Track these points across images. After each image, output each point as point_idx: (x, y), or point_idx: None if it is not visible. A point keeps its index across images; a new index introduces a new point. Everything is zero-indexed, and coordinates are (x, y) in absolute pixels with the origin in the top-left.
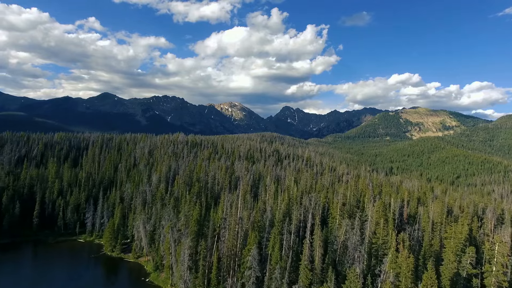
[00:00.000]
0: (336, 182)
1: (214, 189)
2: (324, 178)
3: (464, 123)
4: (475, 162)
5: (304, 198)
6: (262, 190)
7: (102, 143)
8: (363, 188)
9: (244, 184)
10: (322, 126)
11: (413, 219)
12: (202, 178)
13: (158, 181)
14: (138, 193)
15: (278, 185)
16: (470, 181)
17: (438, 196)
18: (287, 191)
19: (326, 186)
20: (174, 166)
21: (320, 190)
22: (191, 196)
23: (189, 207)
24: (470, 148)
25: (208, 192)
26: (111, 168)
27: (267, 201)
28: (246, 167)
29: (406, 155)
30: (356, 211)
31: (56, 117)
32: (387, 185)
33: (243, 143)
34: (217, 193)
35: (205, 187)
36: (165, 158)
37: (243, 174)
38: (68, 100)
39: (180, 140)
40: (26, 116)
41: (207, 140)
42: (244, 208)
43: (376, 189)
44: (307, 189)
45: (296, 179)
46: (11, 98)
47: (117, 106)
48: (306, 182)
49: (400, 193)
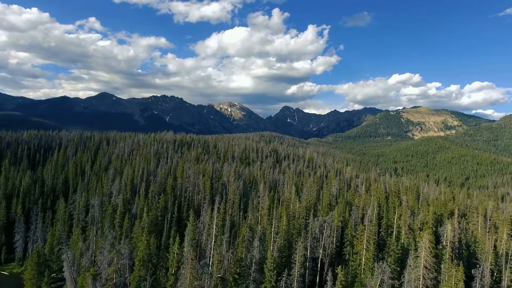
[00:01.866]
0: (345, 188)
1: (194, 200)
2: (330, 182)
3: (466, 122)
4: (483, 163)
5: (310, 219)
6: (254, 201)
7: (79, 142)
8: (380, 196)
9: (231, 193)
10: (322, 126)
11: (473, 249)
12: (181, 185)
13: (123, 190)
14: (91, 207)
15: (276, 194)
16: (481, 183)
17: (476, 206)
18: (285, 205)
19: (334, 193)
20: (149, 170)
21: (329, 203)
22: (152, 214)
23: (138, 237)
24: (475, 148)
25: (186, 204)
26: (74, 173)
27: (259, 220)
28: (236, 171)
29: (410, 155)
30: (388, 241)
31: (53, 117)
32: (410, 193)
33: (238, 143)
34: (197, 206)
35: (183, 197)
36: (140, 161)
37: (231, 179)
38: (66, 100)
39: (167, 139)
40: (22, 116)
41: (199, 139)
42: (223, 233)
43: (393, 196)
44: (312, 200)
45: (297, 186)
46: (8, 98)
47: (115, 106)
48: (310, 191)
49: (432, 206)
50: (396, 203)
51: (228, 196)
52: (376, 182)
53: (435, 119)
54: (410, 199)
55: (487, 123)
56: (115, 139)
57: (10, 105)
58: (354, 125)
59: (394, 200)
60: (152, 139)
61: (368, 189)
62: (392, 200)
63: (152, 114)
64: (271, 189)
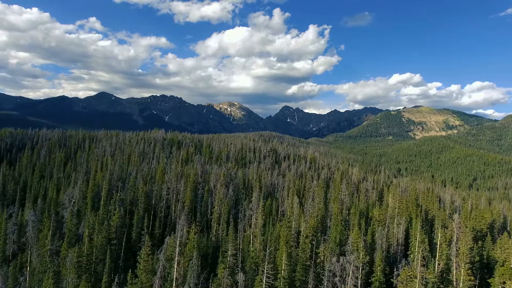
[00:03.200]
0: (355, 194)
1: (171, 211)
2: (337, 187)
3: (468, 122)
4: (490, 163)
5: (320, 248)
6: (247, 212)
7: (59, 141)
8: (409, 207)
9: (217, 202)
10: (322, 125)
11: None
12: (159, 191)
13: (78, 200)
14: None
15: (274, 202)
16: (490, 184)
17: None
18: (286, 223)
19: (344, 201)
20: (128, 171)
21: (342, 220)
22: (102, 236)
23: None
24: (478, 147)
25: (162, 216)
26: (40, 176)
27: (251, 240)
28: (227, 173)
29: (412, 155)
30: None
31: (51, 117)
32: (429, 199)
33: (234, 142)
34: (175, 219)
35: (159, 207)
36: (122, 161)
37: (219, 184)
38: (64, 99)
39: (156, 137)
40: (19, 115)
41: (192, 138)
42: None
43: (412, 204)
44: (320, 213)
45: (299, 191)
46: (6, 98)
47: (114, 105)
48: (316, 201)
49: (471, 220)
50: (420, 214)
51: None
52: (386, 185)
53: (436, 118)
54: (435, 208)
55: (489, 122)
56: (99, 138)
57: (8, 105)
58: (355, 125)
59: (416, 210)
60: (139, 137)
61: (381, 195)
62: (414, 210)
63: (151, 113)
64: (268, 195)
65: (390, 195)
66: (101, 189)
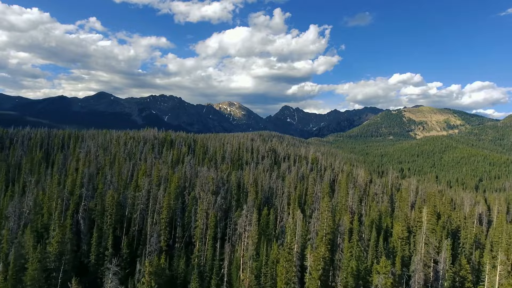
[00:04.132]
0: (364, 200)
1: (146, 227)
2: (343, 191)
3: (469, 122)
4: (496, 163)
5: (335, 281)
6: (239, 227)
7: (41, 141)
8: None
9: (200, 215)
10: (322, 125)
11: None
12: (131, 201)
13: (29, 212)
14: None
15: (271, 212)
16: (497, 185)
17: None
18: (285, 257)
19: (354, 210)
20: (104, 176)
21: (357, 244)
22: (34, 267)
23: None
24: (481, 147)
25: (137, 230)
26: (4, 180)
27: (240, 265)
28: (218, 177)
29: (415, 155)
30: None
31: (50, 117)
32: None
33: (231, 142)
34: (151, 235)
35: (133, 221)
36: (105, 162)
37: (205, 191)
38: (63, 99)
39: (146, 136)
40: (18, 115)
41: (187, 138)
42: None
43: (431, 208)
44: (328, 230)
45: (300, 200)
46: (5, 98)
47: (113, 105)
48: (325, 220)
49: None
50: (446, 227)
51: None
52: (395, 188)
53: (437, 118)
54: (459, 218)
55: (491, 122)
56: (85, 137)
57: (6, 105)
58: (355, 124)
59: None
60: (128, 136)
61: (392, 200)
62: (435, 222)
63: (150, 113)
64: (266, 202)
65: (403, 202)
66: (63, 197)
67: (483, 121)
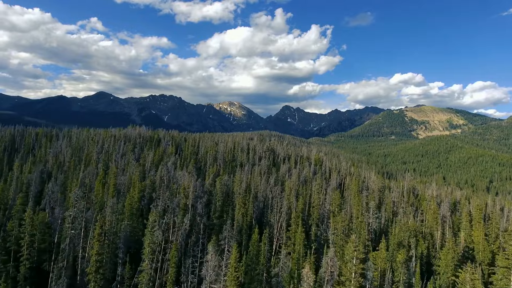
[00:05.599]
0: (381, 211)
1: (79, 264)
2: (354, 199)
3: (472, 121)
4: (506, 164)
5: None
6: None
7: (11, 139)
8: None
9: (149, 248)
10: (323, 125)
11: None
12: (61, 224)
13: None
14: None
15: (262, 239)
16: (509, 186)
17: None
18: None
19: (373, 228)
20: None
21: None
22: None
23: None
24: (486, 147)
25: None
26: None
27: None
28: (196, 187)
29: (419, 155)
30: None
31: (49, 117)
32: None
33: (225, 141)
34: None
35: (67, 252)
36: (71, 165)
37: (183, 202)
38: (63, 99)
39: (129, 135)
40: (16, 115)
41: (178, 136)
42: None
43: (466, 221)
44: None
45: (304, 216)
46: (4, 98)
47: (113, 105)
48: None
49: None
50: None
51: None
52: (414, 195)
53: (439, 117)
54: None
55: (495, 122)
56: (57, 136)
57: (5, 104)
58: (356, 124)
59: None
60: (108, 135)
61: (416, 212)
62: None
63: (150, 113)
64: (259, 218)
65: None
66: None
67: (486, 120)
